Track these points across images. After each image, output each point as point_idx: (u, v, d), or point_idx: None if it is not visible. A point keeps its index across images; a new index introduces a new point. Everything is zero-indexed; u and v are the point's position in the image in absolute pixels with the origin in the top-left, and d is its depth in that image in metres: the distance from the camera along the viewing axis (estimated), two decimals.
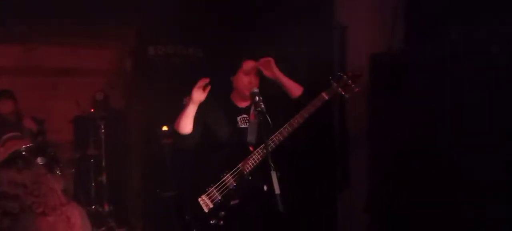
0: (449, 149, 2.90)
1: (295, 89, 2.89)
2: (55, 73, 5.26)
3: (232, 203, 2.74)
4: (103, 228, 4.26)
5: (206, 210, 2.70)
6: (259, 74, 2.89)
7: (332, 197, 3.91)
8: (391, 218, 3.31)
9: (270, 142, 2.67)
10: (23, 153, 3.60)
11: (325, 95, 2.77)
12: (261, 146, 2.70)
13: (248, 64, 2.89)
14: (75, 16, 4.65)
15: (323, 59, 3.81)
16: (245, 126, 2.87)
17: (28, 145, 3.72)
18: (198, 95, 2.69)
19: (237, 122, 2.87)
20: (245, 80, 2.86)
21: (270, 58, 2.87)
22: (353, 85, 2.79)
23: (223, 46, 4.65)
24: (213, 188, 2.73)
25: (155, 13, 4.76)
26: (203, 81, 2.70)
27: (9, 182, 1.96)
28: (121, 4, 4.55)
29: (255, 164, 2.73)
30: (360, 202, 3.65)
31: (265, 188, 2.71)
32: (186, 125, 2.75)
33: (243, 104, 2.93)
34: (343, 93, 2.79)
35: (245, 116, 2.89)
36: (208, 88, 2.70)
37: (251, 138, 2.83)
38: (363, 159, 3.68)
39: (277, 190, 2.35)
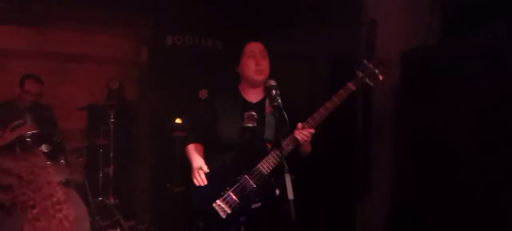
0: (486, 156, 2.60)
1: (307, 150, 2.64)
2: (68, 59, 5.13)
3: (253, 206, 2.47)
4: (108, 222, 4.09)
5: (223, 215, 2.45)
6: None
7: (351, 205, 3.64)
8: None
9: (287, 140, 2.43)
10: (27, 139, 3.46)
11: (351, 86, 2.50)
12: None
13: (251, 46, 2.62)
14: (92, 1, 4.54)
15: (350, 56, 3.55)
16: (251, 125, 2.59)
17: (33, 131, 3.57)
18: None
19: (242, 120, 2.60)
20: (251, 64, 2.59)
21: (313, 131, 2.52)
22: (379, 74, 2.51)
23: (244, 40, 4.45)
24: (229, 191, 2.47)
25: (174, 1, 4.61)
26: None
27: (2, 170, 1.74)
28: None
29: (275, 163, 2.46)
30: (382, 213, 3.37)
31: (277, 192, 2.46)
32: None
33: (253, 98, 2.67)
34: (369, 82, 2.52)
35: (253, 113, 2.61)
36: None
37: (268, 134, 2.57)
38: (387, 166, 3.39)
39: (290, 195, 2.11)
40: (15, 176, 1.73)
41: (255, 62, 2.58)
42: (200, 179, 2.53)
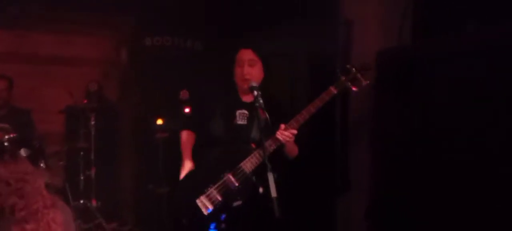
0: (460, 152, 2.70)
1: (293, 152, 2.74)
2: (47, 61, 5.08)
3: (234, 204, 2.55)
4: (91, 224, 4.07)
5: (205, 212, 2.52)
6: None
7: (331, 201, 3.71)
8: (395, 226, 3.11)
9: (271, 141, 2.51)
10: (5, 144, 3.41)
11: (333, 90, 2.60)
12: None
13: (240, 54, 2.72)
14: (70, 2, 4.50)
15: (327, 55, 3.62)
16: (242, 123, 2.69)
17: (11, 135, 3.52)
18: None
19: (235, 117, 2.70)
20: (238, 72, 2.71)
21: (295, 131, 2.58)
22: (362, 79, 2.61)
23: (224, 40, 4.48)
24: (212, 188, 2.54)
25: (152, 2, 4.60)
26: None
27: None
28: None
29: (257, 163, 2.54)
30: (361, 208, 3.45)
31: (260, 190, 2.53)
32: None
33: (246, 98, 2.75)
34: (351, 87, 2.62)
35: (245, 111, 2.71)
36: None
37: (255, 134, 2.65)
38: (365, 162, 3.48)
39: (274, 193, 2.18)
40: (3, 182, 1.73)
41: (241, 71, 2.68)
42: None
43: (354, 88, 2.63)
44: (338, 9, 3.73)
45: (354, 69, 2.62)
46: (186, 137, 2.84)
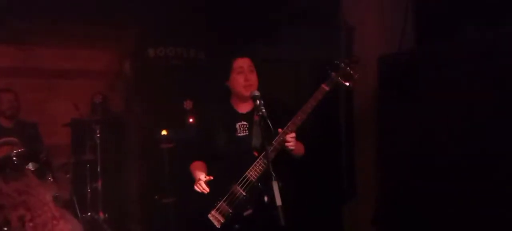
0: (464, 155, 2.70)
1: (299, 151, 2.72)
2: (52, 74, 5.13)
3: (245, 214, 2.56)
4: None
5: (218, 225, 2.53)
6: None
7: (338, 207, 3.71)
8: None
9: (272, 147, 2.50)
10: (14, 158, 3.43)
11: (325, 87, 2.60)
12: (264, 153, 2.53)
13: (239, 62, 2.71)
14: (73, 16, 4.55)
15: (329, 61, 3.63)
16: (244, 134, 2.70)
17: (19, 150, 3.54)
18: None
19: (235, 130, 2.70)
20: (240, 80, 2.68)
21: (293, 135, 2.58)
22: (352, 72, 2.61)
23: (226, 49, 4.51)
24: (221, 202, 2.55)
25: (155, 14, 4.64)
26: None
27: None
28: (120, 5, 4.43)
29: (261, 170, 2.54)
30: (367, 213, 3.45)
31: (265, 199, 2.53)
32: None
33: (243, 109, 2.76)
34: (343, 82, 2.62)
35: (244, 123, 2.71)
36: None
37: (256, 142, 2.65)
38: (371, 167, 3.48)
39: (278, 202, 2.18)
40: (6, 195, 1.75)
41: (244, 78, 2.67)
42: (201, 188, 2.60)
43: (347, 83, 2.62)
44: (340, 15, 3.76)
45: (343, 64, 2.62)
46: (197, 165, 2.80)
